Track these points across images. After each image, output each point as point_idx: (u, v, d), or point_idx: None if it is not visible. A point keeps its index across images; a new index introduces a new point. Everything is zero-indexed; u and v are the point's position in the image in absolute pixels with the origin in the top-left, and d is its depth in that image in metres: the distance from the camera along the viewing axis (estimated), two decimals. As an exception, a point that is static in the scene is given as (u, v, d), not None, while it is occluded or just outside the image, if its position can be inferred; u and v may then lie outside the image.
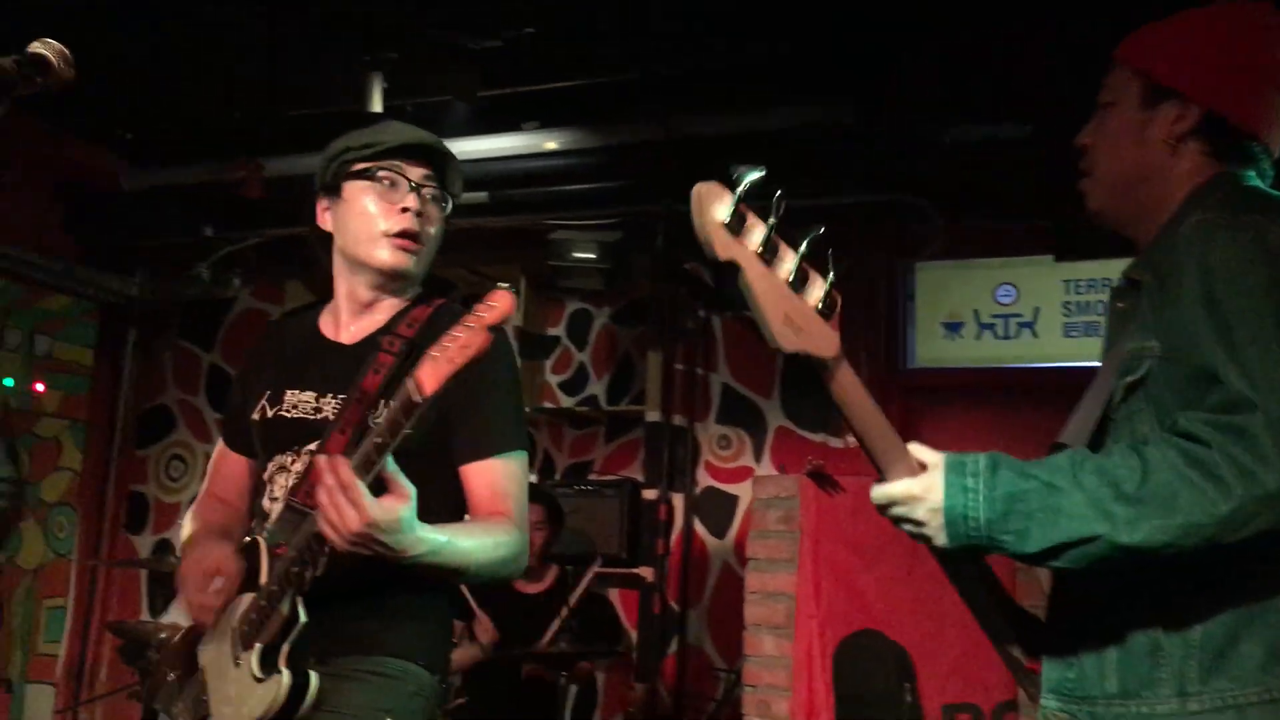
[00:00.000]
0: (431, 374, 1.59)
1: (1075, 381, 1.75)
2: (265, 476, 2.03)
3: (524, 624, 4.44)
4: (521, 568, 1.95)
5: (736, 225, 1.32)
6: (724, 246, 1.31)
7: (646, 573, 4.95)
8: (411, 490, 1.70)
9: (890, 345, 5.07)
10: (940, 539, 1.44)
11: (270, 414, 2.04)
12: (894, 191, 4.77)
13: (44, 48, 1.36)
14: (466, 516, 1.98)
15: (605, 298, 5.57)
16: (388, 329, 2.02)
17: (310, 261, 2.24)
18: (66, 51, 1.39)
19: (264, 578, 1.88)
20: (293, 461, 1.99)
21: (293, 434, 2.01)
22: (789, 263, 1.36)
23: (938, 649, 4.01)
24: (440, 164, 2.08)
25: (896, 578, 3.98)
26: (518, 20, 4.22)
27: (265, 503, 2.01)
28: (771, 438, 5.19)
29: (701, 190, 1.32)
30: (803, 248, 1.36)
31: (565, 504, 4.93)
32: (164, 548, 6.06)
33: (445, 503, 1.94)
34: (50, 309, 5.96)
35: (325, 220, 2.11)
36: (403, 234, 2.00)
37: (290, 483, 1.97)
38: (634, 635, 5.03)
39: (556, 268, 4.95)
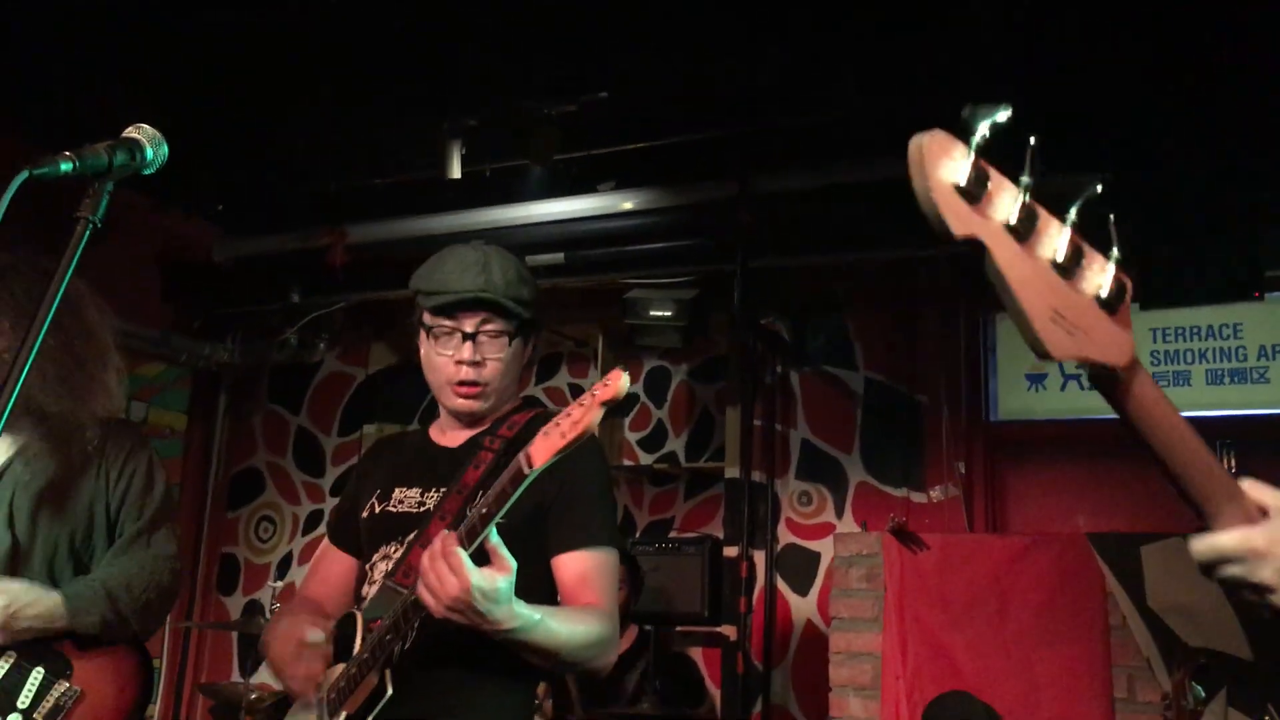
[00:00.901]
0: (543, 448, 1.67)
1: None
2: (368, 565, 2.13)
3: (604, 684, 4.41)
4: (611, 660, 1.99)
5: (976, 189, 0.97)
6: (961, 220, 0.96)
7: (729, 631, 4.90)
8: (513, 564, 1.74)
9: (973, 398, 5.00)
10: None
11: (379, 510, 2.16)
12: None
13: (137, 133, 1.43)
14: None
15: (683, 354, 5.59)
16: (490, 432, 2.15)
17: (393, 325, 2.32)
18: (159, 134, 1.46)
19: (357, 647, 1.94)
20: (395, 550, 2.07)
21: (397, 526, 2.10)
22: (1055, 238, 1.01)
23: (1030, 711, 3.89)
24: (494, 302, 2.11)
25: (985, 636, 3.88)
26: (592, 85, 4.30)
27: (365, 589, 2.09)
28: (852, 493, 5.13)
29: (924, 143, 0.96)
30: (1071, 216, 1.02)
31: (645, 562, 4.91)
32: (254, 609, 6.16)
33: (537, 591, 1.97)
34: (146, 375, 6.14)
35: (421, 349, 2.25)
36: (461, 384, 2.12)
37: (391, 566, 2.04)
38: (717, 695, 4.96)
39: (634, 326, 4.98)
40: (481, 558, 1.74)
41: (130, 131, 1.45)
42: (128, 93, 4.12)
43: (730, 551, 5.00)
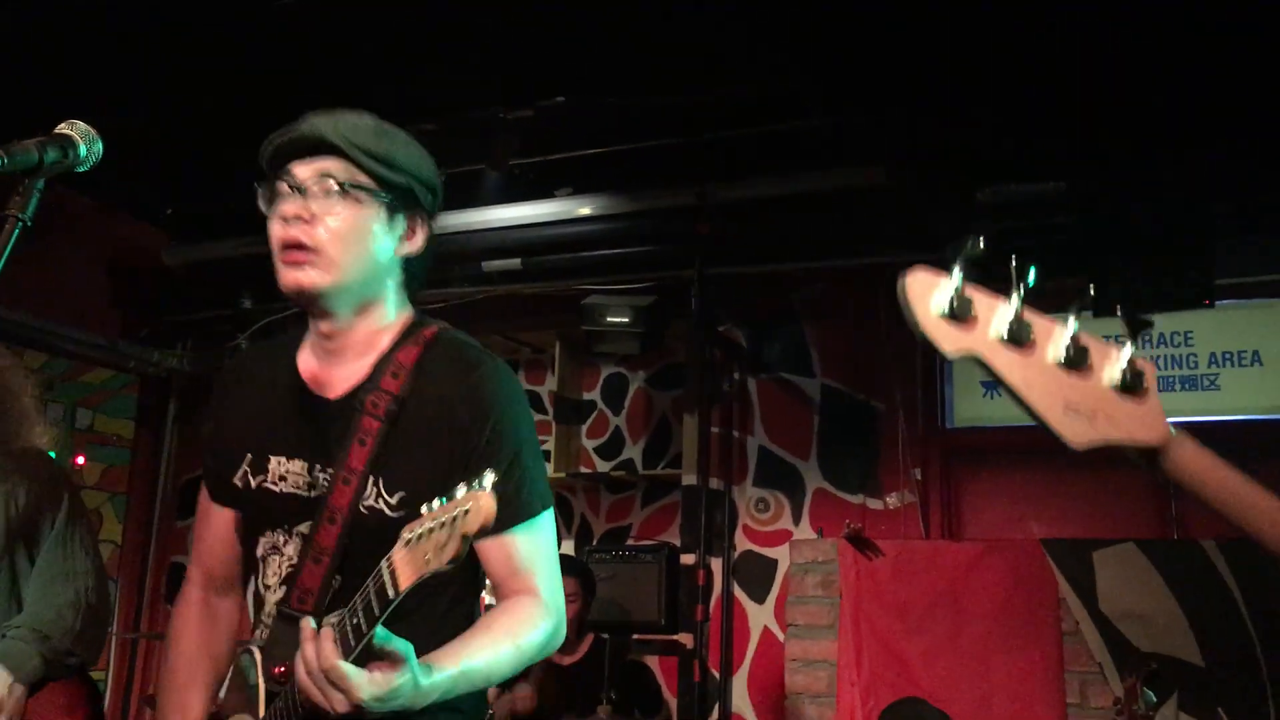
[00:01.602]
0: (408, 567, 1.44)
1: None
2: (258, 554, 1.85)
3: (561, 694, 4.37)
4: (558, 644, 1.78)
5: (963, 312, 1.07)
6: (951, 341, 1.07)
7: (686, 639, 4.88)
8: (407, 651, 1.51)
9: (929, 405, 5.02)
10: None
11: (254, 484, 1.84)
12: (928, 252, 4.74)
13: (70, 129, 1.39)
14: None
15: (640, 361, 5.57)
16: (372, 383, 1.77)
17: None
18: (93, 131, 1.42)
19: (261, 711, 1.73)
20: (285, 542, 1.81)
21: (283, 510, 1.81)
22: (1056, 339, 1.09)
23: (984, 717, 3.91)
24: (332, 147, 1.74)
25: (941, 643, 3.89)
26: (549, 89, 4.28)
27: (260, 588, 1.84)
28: (810, 500, 5.13)
29: (908, 283, 1.07)
30: (1072, 322, 1.09)
31: (602, 569, 4.88)
32: (203, 618, 6.06)
33: (465, 584, 1.81)
34: (92, 382, 6.04)
35: None
36: (284, 246, 1.73)
37: (284, 570, 1.80)
38: (674, 704, 4.94)
39: (591, 332, 4.96)
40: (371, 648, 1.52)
41: (62, 127, 1.40)
42: (73, 92, 4.04)
43: (688, 559, 4.98)
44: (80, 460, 6.21)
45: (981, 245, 1.07)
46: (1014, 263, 1.09)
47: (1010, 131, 4.29)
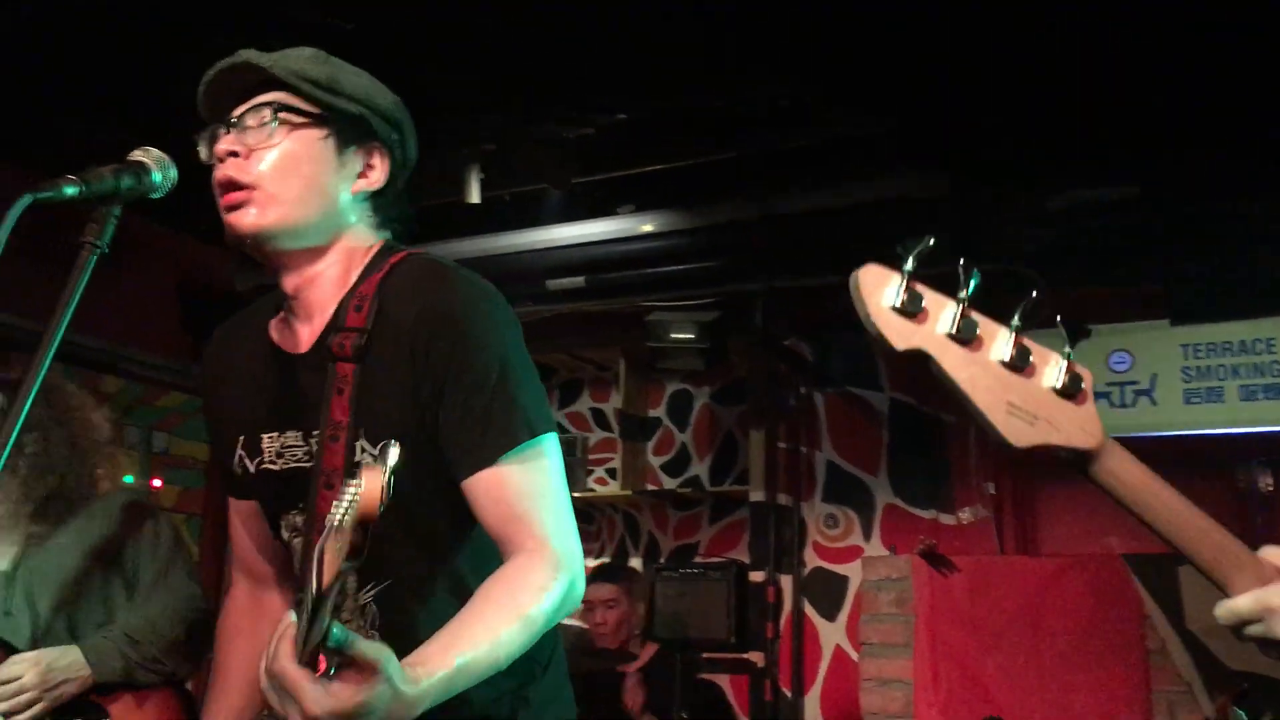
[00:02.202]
0: (330, 564, 1.17)
1: (1198, 450, 1.65)
2: (284, 540, 1.70)
3: (625, 707, 4.35)
4: (578, 599, 1.52)
5: (912, 308, 1.09)
6: (900, 336, 1.08)
7: (756, 658, 4.83)
8: (379, 657, 1.23)
9: (999, 418, 4.92)
10: None
11: (253, 469, 1.68)
12: (993, 261, 4.67)
13: (144, 155, 1.40)
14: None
15: (705, 378, 5.54)
16: (336, 324, 1.58)
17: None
18: (167, 157, 1.43)
19: None
20: (304, 521, 1.65)
21: (291, 489, 1.63)
22: (1000, 340, 1.11)
23: (1067, 737, 3.81)
24: (262, 74, 1.57)
25: (1019, 662, 3.81)
26: (610, 107, 4.28)
27: (297, 571, 1.70)
28: (880, 516, 5.06)
29: (860, 277, 1.10)
30: (1015, 321, 1.12)
31: (670, 588, 4.85)
32: (276, 638, 6.12)
33: (454, 519, 1.56)
34: (167, 406, 6.14)
35: None
36: (220, 189, 1.56)
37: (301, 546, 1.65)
38: (746, 723, 4.89)
39: (655, 349, 4.94)
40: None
41: (136, 154, 1.41)
42: (140, 118, 4.12)
43: (756, 576, 4.93)
44: (157, 483, 6.32)
45: (932, 243, 1.10)
46: (960, 263, 1.12)
47: (1079, 135, 4.21)
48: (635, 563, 5.50)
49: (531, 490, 1.51)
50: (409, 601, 1.56)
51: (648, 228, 4.97)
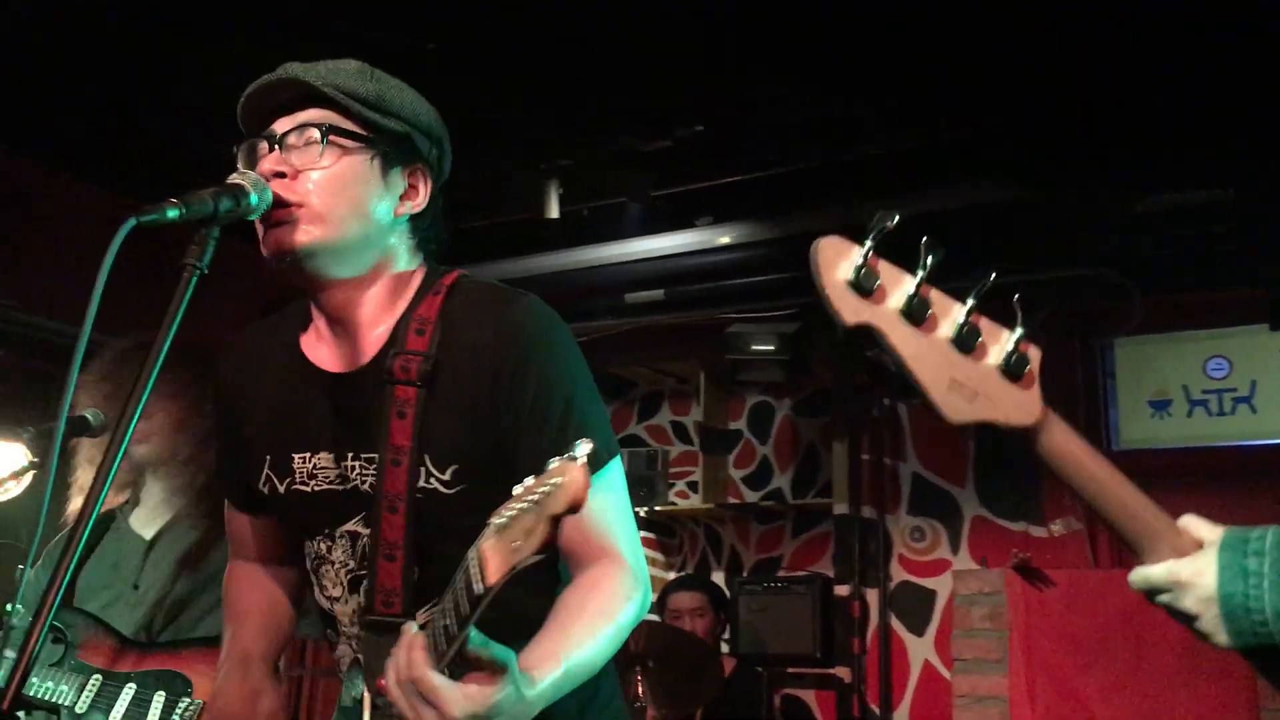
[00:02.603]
0: (496, 560, 1.19)
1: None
2: (307, 566, 1.67)
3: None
4: (647, 610, 1.55)
5: (868, 284, 1.11)
6: (851, 310, 1.10)
7: (843, 673, 4.77)
8: (507, 659, 1.28)
9: (1092, 427, 4.80)
10: (1220, 637, 1.14)
11: (282, 489, 1.64)
12: (1085, 266, 4.57)
13: (242, 178, 1.42)
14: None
15: (786, 389, 5.50)
16: (396, 345, 1.55)
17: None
18: (263, 179, 1.45)
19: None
20: (329, 548, 1.62)
21: (320, 514, 1.61)
22: (952, 319, 1.14)
23: (1169, 756, 3.69)
24: (310, 91, 1.54)
25: (1120, 679, 3.69)
26: (687, 119, 4.27)
27: (325, 602, 1.65)
28: (968, 528, 4.96)
29: (820, 247, 1.12)
30: (970, 300, 1.14)
31: (753, 602, 4.82)
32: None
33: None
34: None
35: None
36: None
37: (344, 576, 1.61)
38: (833, 740, 4.83)
39: (736, 361, 4.91)
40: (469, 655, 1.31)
41: (235, 177, 1.43)
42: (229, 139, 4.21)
43: (841, 590, 4.88)
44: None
45: (895, 220, 1.12)
46: (922, 241, 1.13)
47: (1168, 139, 4.10)
48: (717, 577, 5.46)
49: (605, 511, 1.54)
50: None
51: (726, 239, 4.95)
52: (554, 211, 4.57)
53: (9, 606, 2.82)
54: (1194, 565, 1.15)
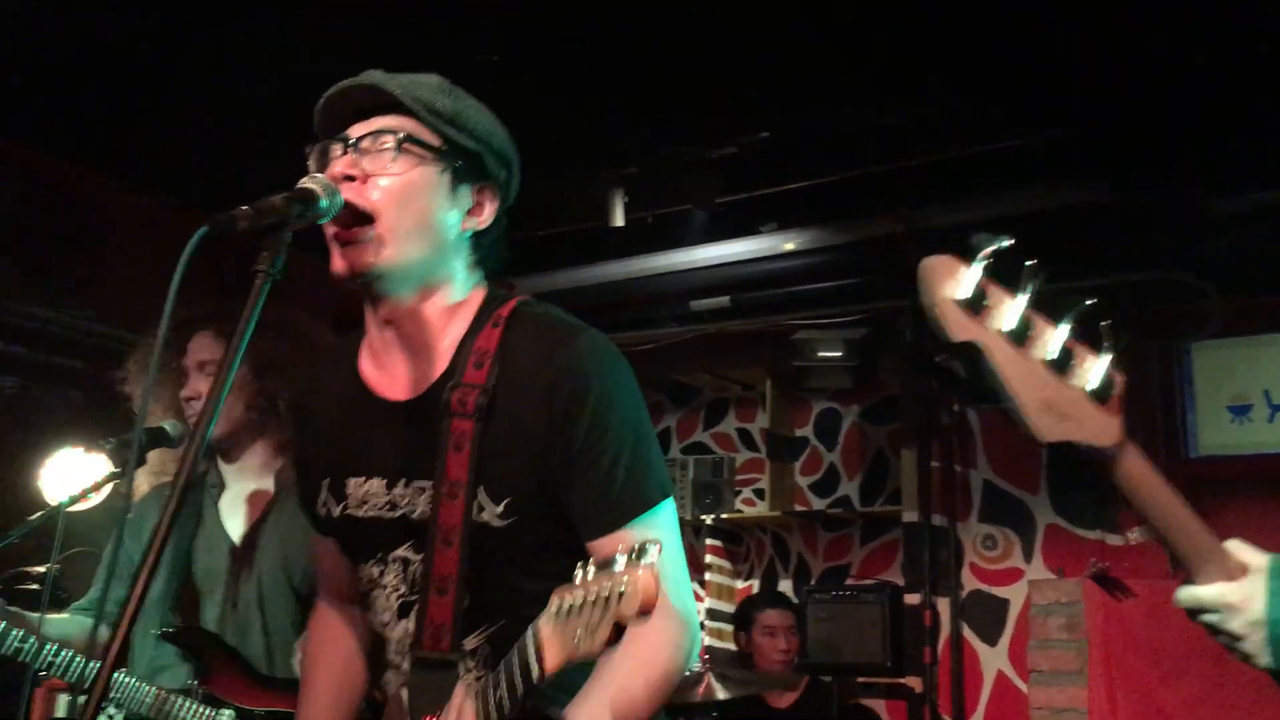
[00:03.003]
0: (555, 648, 1.21)
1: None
2: (360, 590, 1.68)
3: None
4: (695, 657, 1.56)
5: (976, 303, 1.16)
6: (961, 327, 1.15)
7: (914, 683, 4.70)
8: None
9: (1170, 433, 4.69)
10: (1264, 659, 1.19)
11: (337, 512, 1.65)
12: (1160, 270, 4.47)
13: (312, 183, 1.43)
14: None
15: (853, 396, 5.45)
16: (453, 377, 1.55)
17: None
18: (332, 184, 1.45)
19: None
20: (381, 573, 1.62)
21: (371, 539, 1.62)
22: (1048, 342, 1.18)
23: (1256, 772, 3.58)
24: (388, 99, 1.54)
25: (1205, 693, 3.59)
26: (753, 126, 4.25)
27: (377, 626, 1.66)
28: (1042, 536, 4.87)
29: (931, 265, 1.17)
30: (1065, 324, 1.18)
31: (821, 610, 4.77)
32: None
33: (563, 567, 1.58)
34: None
35: None
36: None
37: (395, 602, 1.61)
38: (904, 751, 4.76)
39: (802, 368, 4.88)
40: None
41: (305, 182, 1.43)
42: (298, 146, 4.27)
43: (912, 599, 4.81)
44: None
45: (1007, 243, 1.16)
46: (1026, 264, 1.17)
47: (1246, 139, 3.99)
48: (785, 584, 5.42)
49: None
50: None
51: (792, 245, 4.92)
52: (619, 219, 4.57)
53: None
54: (1243, 590, 1.21)
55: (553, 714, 1.31)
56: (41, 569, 3.32)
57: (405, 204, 1.51)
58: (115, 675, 2.50)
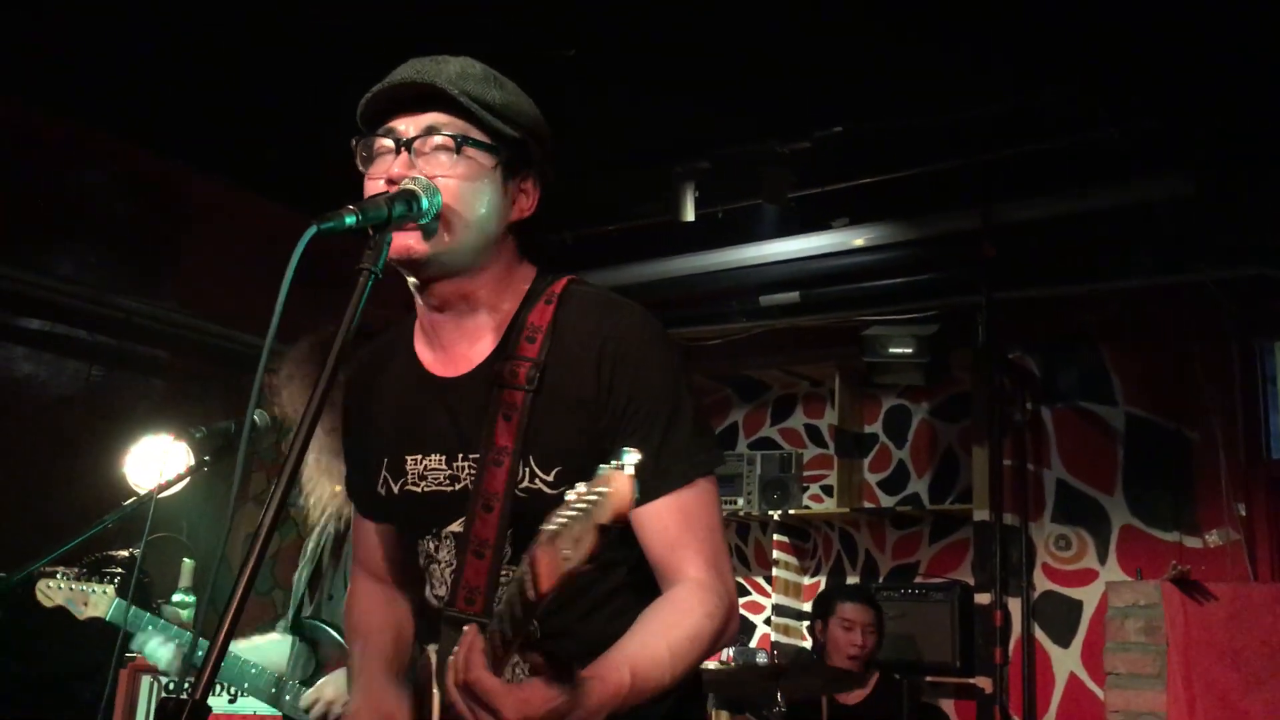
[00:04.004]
0: (547, 568, 1.17)
1: None
2: (420, 564, 1.69)
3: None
4: (734, 633, 1.55)
5: None
6: None
7: (984, 683, 4.64)
8: (573, 666, 1.30)
9: (1250, 435, 4.58)
10: None
11: (396, 489, 1.68)
12: (1246, 266, 4.36)
13: (413, 184, 1.46)
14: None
15: (923, 393, 5.39)
16: (506, 352, 1.59)
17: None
18: (432, 184, 1.47)
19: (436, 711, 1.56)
20: (437, 547, 1.65)
21: (430, 514, 1.64)
22: None
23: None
24: (442, 95, 1.54)
25: (1289, 699, 3.50)
26: (826, 120, 4.23)
27: (433, 600, 1.67)
28: (1116, 537, 4.78)
29: None
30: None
31: (890, 608, 4.73)
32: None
33: (622, 552, 1.57)
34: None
35: None
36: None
37: (449, 576, 1.61)
38: (973, 752, 4.71)
39: (872, 364, 4.84)
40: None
41: (407, 182, 1.46)
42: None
43: (982, 598, 4.75)
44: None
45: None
46: None
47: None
48: (852, 582, 5.39)
49: (700, 522, 1.54)
50: (572, 626, 1.56)
51: (863, 240, 4.89)
52: (689, 214, 4.57)
53: (178, 596, 2.97)
54: None
55: (574, 667, 1.29)
56: (125, 553, 3.41)
57: (465, 205, 1.53)
58: (242, 658, 2.60)
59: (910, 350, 4.76)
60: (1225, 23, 3.46)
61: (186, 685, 1.15)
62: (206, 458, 2.60)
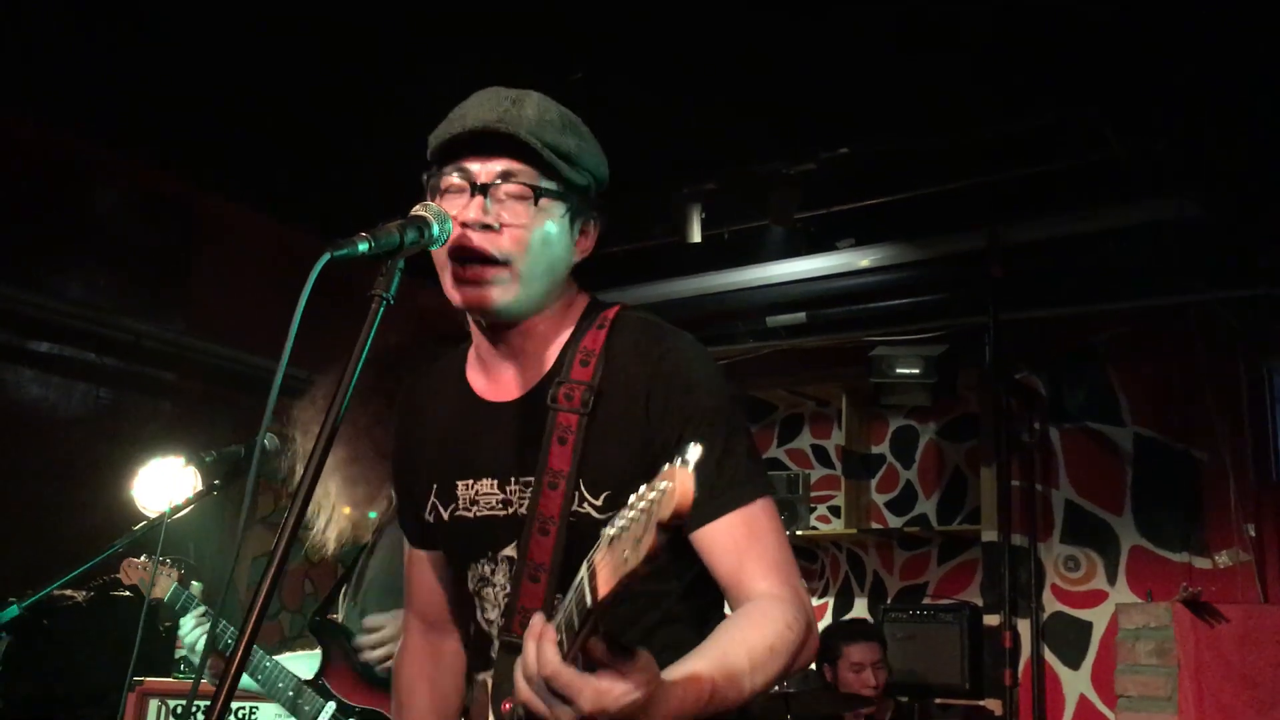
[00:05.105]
0: (607, 572, 1.13)
1: None
2: (470, 589, 1.69)
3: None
4: (814, 649, 1.50)
5: None
6: None
7: (993, 705, 4.62)
8: (641, 657, 1.23)
9: (1259, 456, 4.57)
10: None
11: (447, 515, 1.69)
12: (1254, 286, 4.36)
13: (424, 210, 1.47)
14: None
15: (931, 413, 5.39)
16: (559, 375, 1.60)
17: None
18: (445, 210, 1.49)
19: None
20: (493, 570, 1.64)
21: (483, 538, 1.64)
22: None
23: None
24: (519, 143, 1.54)
25: (1302, 722, 3.49)
26: (833, 141, 4.24)
27: (484, 624, 1.67)
28: (1126, 558, 4.77)
29: None
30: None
31: (898, 629, 4.72)
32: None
33: (677, 570, 1.57)
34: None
35: None
36: (462, 256, 1.53)
37: (502, 600, 1.62)
38: (983, 775, 4.68)
39: (879, 384, 4.84)
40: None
41: (418, 209, 1.47)
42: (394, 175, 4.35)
43: (991, 620, 4.74)
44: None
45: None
46: None
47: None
48: (860, 603, 5.37)
49: (766, 540, 1.54)
50: None
51: (869, 261, 4.89)
52: (696, 235, 4.58)
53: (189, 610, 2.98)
54: None
55: (637, 650, 1.24)
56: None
57: (540, 254, 1.55)
58: (265, 660, 2.63)
59: (917, 371, 4.76)
60: (1234, 44, 3.46)
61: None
62: (216, 481, 2.61)
